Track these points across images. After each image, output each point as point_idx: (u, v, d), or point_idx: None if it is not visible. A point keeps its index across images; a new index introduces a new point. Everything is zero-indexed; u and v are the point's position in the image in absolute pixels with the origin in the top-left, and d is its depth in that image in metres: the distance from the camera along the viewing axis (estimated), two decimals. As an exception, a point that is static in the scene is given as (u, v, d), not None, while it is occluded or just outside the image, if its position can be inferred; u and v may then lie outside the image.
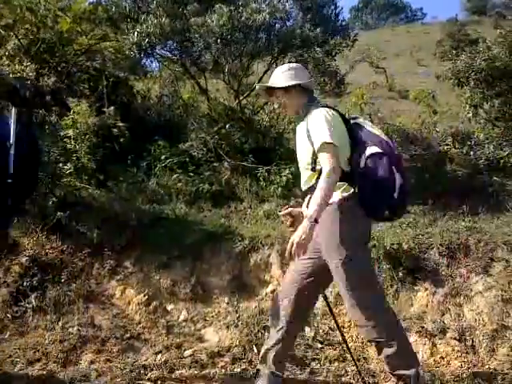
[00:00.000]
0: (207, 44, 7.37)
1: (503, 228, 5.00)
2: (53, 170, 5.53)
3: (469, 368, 3.86)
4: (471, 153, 6.98)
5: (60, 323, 4.38)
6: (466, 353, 4.00)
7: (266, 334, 4.14)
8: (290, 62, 8.29)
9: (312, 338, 4.25)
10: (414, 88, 13.46)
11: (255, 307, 4.50)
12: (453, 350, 4.03)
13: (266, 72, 8.60)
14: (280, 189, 6.37)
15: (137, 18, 7.45)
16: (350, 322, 4.46)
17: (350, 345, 4.21)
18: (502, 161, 6.61)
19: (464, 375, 3.75)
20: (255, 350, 4.02)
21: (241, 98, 8.40)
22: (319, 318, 4.53)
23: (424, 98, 11.91)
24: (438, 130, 8.48)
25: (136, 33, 7.09)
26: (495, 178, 6.45)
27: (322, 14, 8.41)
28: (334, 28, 8.31)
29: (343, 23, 8.64)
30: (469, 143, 7.13)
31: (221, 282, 4.91)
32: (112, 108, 6.75)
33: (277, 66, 8.47)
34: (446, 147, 7.52)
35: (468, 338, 4.07)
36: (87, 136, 6.23)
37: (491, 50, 6.76)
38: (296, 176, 6.51)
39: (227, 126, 7.46)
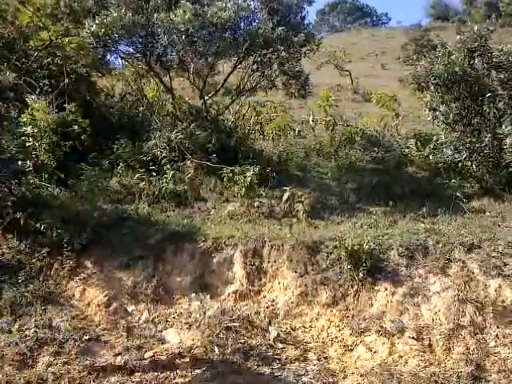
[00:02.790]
0: (172, 41, 7.32)
1: (460, 229, 5.13)
2: (11, 168, 5.38)
3: (426, 367, 3.94)
4: (430, 156, 7.14)
5: (16, 325, 4.27)
6: (424, 352, 4.08)
7: (228, 334, 4.16)
8: (255, 62, 8.36)
9: (273, 338, 4.26)
10: (377, 91, 13.66)
11: (217, 308, 4.48)
12: (411, 348, 4.10)
13: (231, 72, 8.60)
14: (244, 189, 6.36)
15: (99, 13, 7.36)
16: (310, 322, 4.51)
17: (311, 345, 4.28)
18: (459, 164, 6.78)
19: (421, 374, 3.83)
20: (216, 351, 4.01)
21: (206, 98, 8.37)
22: (281, 318, 4.55)
23: (387, 102, 12.11)
24: (399, 133, 8.66)
25: (94, 24, 7.02)
26: (453, 181, 6.61)
27: (287, 15, 8.44)
28: (298, 29, 8.36)
29: (309, 25, 8.69)
30: (429, 146, 7.28)
31: (183, 282, 4.88)
32: (72, 105, 6.62)
33: (242, 65, 8.52)
34: (407, 150, 7.69)
35: (425, 337, 4.15)
36: (46, 133, 6.09)
37: (450, 55, 6.90)
38: (261, 176, 6.55)
39: (192, 126, 7.41)
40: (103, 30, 7.21)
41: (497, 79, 6.79)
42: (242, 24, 7.88)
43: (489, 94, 6.65)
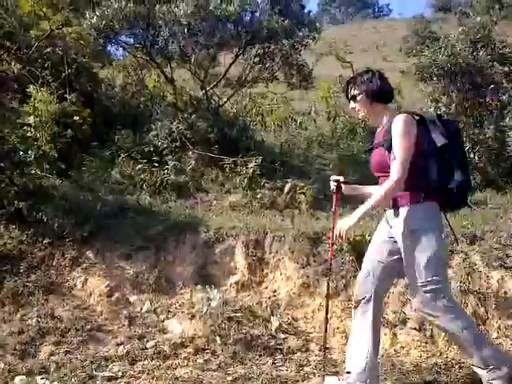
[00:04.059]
0: (173, 33, 7.29)
1: (462, 221, 5.12)
2: (13, 159, 5.37)
3: (428, 357, 3.94)
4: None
5: (18, 314, 4.28)
6: (426, 343, 4.08)
7: (230, 324, 4.15)
8: (257, 54, 8.33)
9: (275, 328, 4.26)
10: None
11: (219, 298, 4.47)
12: (412, 340, 4.10)
13: (232, 63, 8.57)
14: (246, 180, 6.35)
15: (99, 3, 7.32)
16: (312, 312, 4.51)
17: (312, 335, 4.27)
18: (462, 156, 6.75)
19: (423, 364, 3.82)
20: (218, 341, 4.01)
21: (207, 89, 8.34)
22: (283, 308, 4.54)
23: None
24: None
25: (95, 16, 6.99)
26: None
27: (289, 6, 8.41)
28: (300, 21, 8.33)
29: (310, 15, 8.67)
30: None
31: (185, 272, 4.88)
32: (73, 95, 6.60)
33: (244, 56, 8.49)
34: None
35: (427, 328, 4.15)
36: (48, 124, 6.08)
37: (454, 46, 6.87)
38: (263, 167, 6.54)
39: (193, 116, 7.39)
40: (104, 21, 7.17)
41: (501, 71, 6.77)
42: (244, 15, 7.86)
43: (492, 86, 6.63)
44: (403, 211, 2.98)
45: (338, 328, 4.32)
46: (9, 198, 5.06)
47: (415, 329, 4.15)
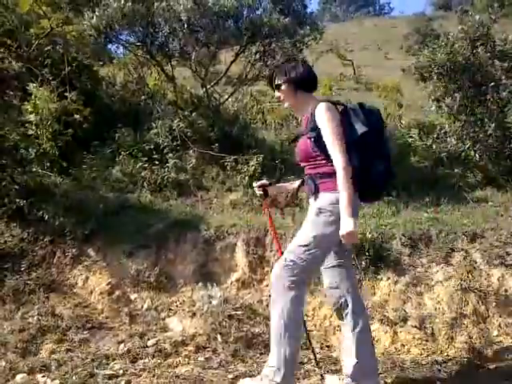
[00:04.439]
0: (173, 30, 7.27)
1: (463, 219, 5.13)
2: (14, 156, 5.38)
3: (428, 355, 3.95)
4: (434, 145, 7.10)
5: (19, 312, 4.30)
6: (426, 340, 4.09)
7: (231, 322, 4.16)
8: (258, 52, 8.33)
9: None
10: (380, 81, 13.63)
11: (220, 296, 4.48)
12: (413, 337, 4.11)
13: (233, 61, 8.55)
14: (247, 178, 6.35)
15: (99, 2, 7.31)
16: (313, 310, 4.52)
17: (313, 333, 4.28)
18: (463, 153, 6.76)
19: (423, 362, 3.84)
20: (219, 339, 4.02)
21: (208, 87, 8.32)
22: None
23: (389, 93, 12.10)
24: (403, 122, 8.63)
25: (95, 17, 6.97)
26: (456, 171, 6.59)
27: (291, 5, 8.39)
28: (302, 19, 8.31)
29: (311, 14, 8.66)
30: (432, 136, 7.24)
31: (186, 270, 4.88)
32: (74, 93, 6.59)
33: (244, 54, 8.49)
34: (410, 139, 7.65)
35: (428, 326, 4.17)
36: (49, 122, 6.08)
37: (453, 44, 6.85)
38: (264, 165, 6.52)
39: (193, 114, 7.38)
40: (104, 21, 7.16)
41: (500, 68, 6.76)
42: (245, 12, 7.83)
43: (492, 84, 6.62)
44: (322, 196, 3.02)
45: (338, 326, 4.32)
46: (10, 196, 5.07)
47: (416, 327, 4.16)
